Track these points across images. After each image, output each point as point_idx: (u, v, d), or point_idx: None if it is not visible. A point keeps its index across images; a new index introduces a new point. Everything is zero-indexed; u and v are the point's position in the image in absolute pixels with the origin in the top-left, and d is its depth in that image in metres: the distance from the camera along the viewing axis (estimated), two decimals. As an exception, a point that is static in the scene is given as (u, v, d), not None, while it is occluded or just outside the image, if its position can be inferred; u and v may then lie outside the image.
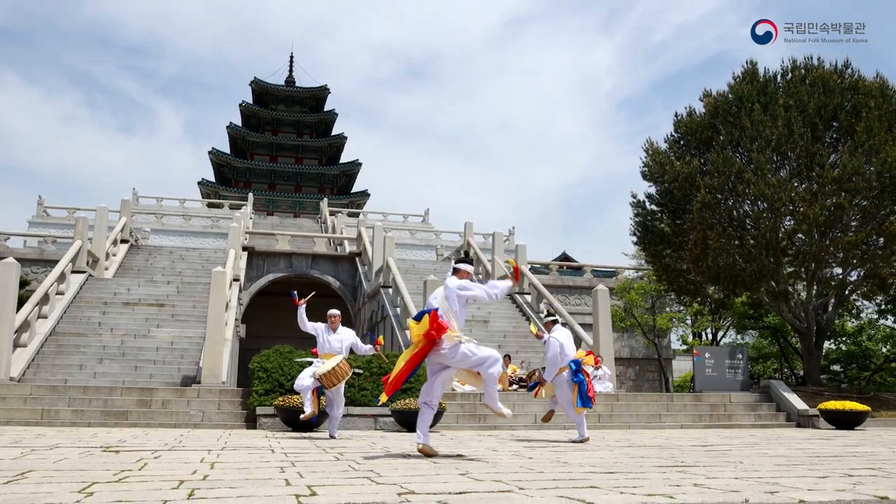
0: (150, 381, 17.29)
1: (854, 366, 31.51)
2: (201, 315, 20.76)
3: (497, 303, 25.68)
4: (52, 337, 18.43)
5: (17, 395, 12.76)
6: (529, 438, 10.96)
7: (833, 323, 20.41)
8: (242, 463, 5.99)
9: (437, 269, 31.95)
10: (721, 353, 17.43)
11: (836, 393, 17.81)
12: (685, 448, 8.60)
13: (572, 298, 32.55)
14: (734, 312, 26.95)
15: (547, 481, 4.58)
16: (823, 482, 4.66)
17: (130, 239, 29.15)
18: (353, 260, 31.26)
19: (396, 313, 23.02)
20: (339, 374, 9.48)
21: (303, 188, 65.65)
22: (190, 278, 26.08)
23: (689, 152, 20.18)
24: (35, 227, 39.75)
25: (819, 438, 11.52)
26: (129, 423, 12.53)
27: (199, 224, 43.96)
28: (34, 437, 9.05)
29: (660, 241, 20.85)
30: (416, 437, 6.54)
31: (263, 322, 34.39)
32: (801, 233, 17.06)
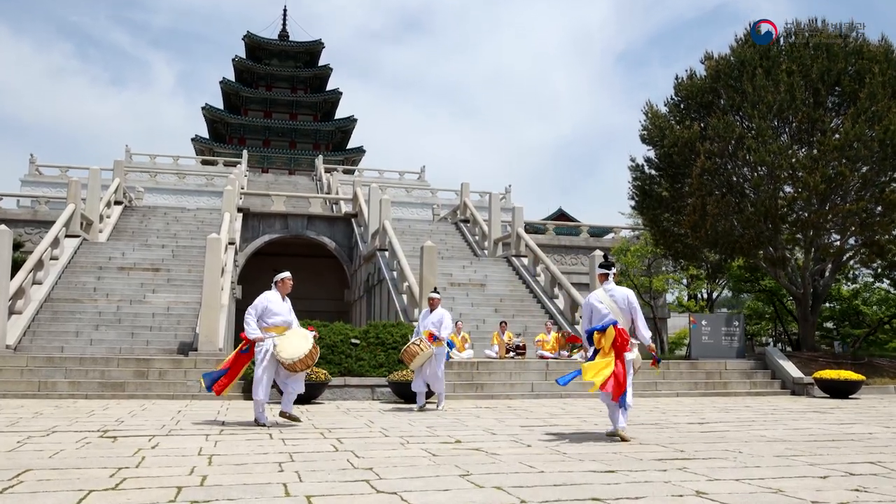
0: (147, 347, 17.28)
1: (847, 323, 31.68)
2: (197, 280, 20.67)
3: (494, 265, 25.65)
4: (48, 303, 18.34)
5: (13, 366, 12.72)
6: (527, 412, 10.98)
7: (829, 288, 20.42)
8: (240, 455, 5.95)
9: (434, 231, 31.83)
10: (717, 321, 17.46)
11: (831, 359, 17.89)
12: (682, 428, 8.61)
13: (568, 258, 32.56)
14: (731, 276, 26.96)
15: (548, 487, 4.54)
16: (825, 487, 4.63)
17: (124, 200, 28.86)
18: (349, 221, 31.08)
19: (393, 277, 22.95)
20: (313, 356, 8.17)
21: (298, 145, 64.98)
22: (185, 241, 25.93)
23: (689, 116, 19.89)
24: (28, 185, 39.37)
25: (814, 411, 11.57)
26: (126, 394, 12.53)
27: (194, 182, 43.57)
28: (31, 417, 9.02)
29: (658, 205, 20.68)
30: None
31: (260, 282, 34.19)
32: (800, 200, 16.91)
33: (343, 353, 13.67)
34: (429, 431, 7.94)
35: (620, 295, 7.52)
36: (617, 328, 7.33)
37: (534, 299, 23.26)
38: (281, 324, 8.30)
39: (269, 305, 8.28)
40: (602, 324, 7.42)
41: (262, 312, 8.26)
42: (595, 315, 7.56)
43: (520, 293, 23.67)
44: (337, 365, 13.49)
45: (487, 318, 21.64)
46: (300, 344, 8.10)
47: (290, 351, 8.01)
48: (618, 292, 7.55)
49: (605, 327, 7.35)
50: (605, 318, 7.41)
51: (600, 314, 7.48)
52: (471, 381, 14.62)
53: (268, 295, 8.40)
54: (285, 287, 8.51)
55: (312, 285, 36.34)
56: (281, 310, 8.33)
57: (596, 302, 7.57)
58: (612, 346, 7.32)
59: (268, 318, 8.24)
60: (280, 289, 8.47)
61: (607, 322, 7.38)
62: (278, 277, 8.54)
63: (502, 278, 24.56)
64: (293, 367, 8.01)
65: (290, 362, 7.95)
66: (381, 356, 13.79)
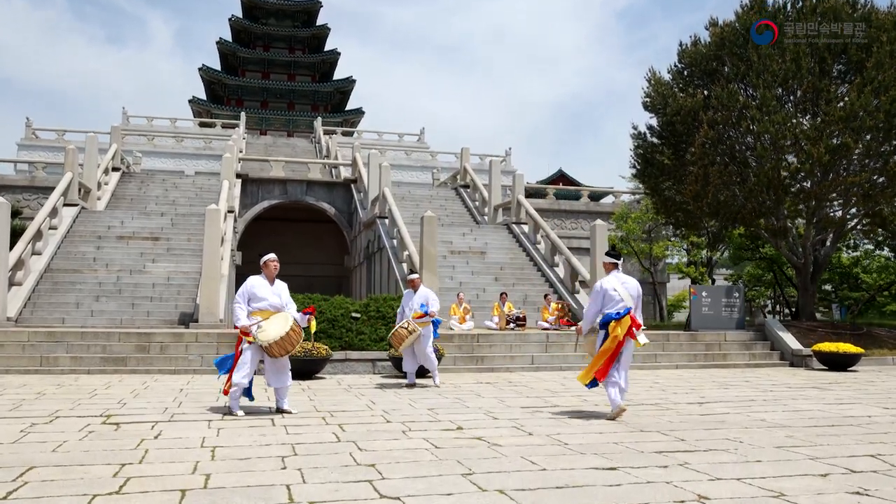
0: (148, 319, 17.32)
1: (845, 286, 31.79)
2: (196, 248, 20.64)
3: (494, 233, 25.59)
4: (48, 274, 18.33)
5: (14, 341, 12.74)
6: (528, 388, 11.03)
7: (830, 257, 20.40)
8: (243, 448, 5.97)
9: (434, 197, 31.69)
10: (717, 292, 17.46)
11: (830, 329, 17.94)
12: (682, 409, 8.65)
13: (568, 223, 32.47)
14: (731, 244, 26.92)
15: (550, 491, 4.56)
16: (826, 490, 4.65)
17: (122, 166, 28.67)
18: (349, 186, 30.92)
19: (393, 245, 22.91)
20: (292, 340, 7.85)
21: (296, 106, 64.39)
22: (184, 208, 25.83)
23: (692, 84, 19.65)
24: (24, 149, 39.13)
25: (813, 387, 11.63)
26: (128, 369, 12.57)
27: (192, 145, 43.29)
28: (34, 399, 9.05)
29: (660, 173, 20.54)
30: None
31: (259, 247, 34.09)
32: (803, 171, 16.78)
33: (344, 327, 13.68)
34: (430, 415, 7.97)
35: (633, 285, 7.85)
36: (631, 315, 7.64)
37: (534, 267, 23.26)
38: (267, 308, 8.04)
39: (254, 290, 8.05)
40: (616, 311, 7.60)
41: (249, 297, 8.05)
42: (608, 301, 7.73)
43: (520, 261, 23.66)
44: (338, 339, 13.52)
45: (487, 286, 21.66)
46: (279, 326, 7.86)
47: (267, 333, 7.77)
48: (630, 283, 7.86)
49: (621, 315, 7.58)
50: (618, 305, 7.63)
51: (613, 301, 7.68)
52: (471, 354, 14.67)
53: (252, 279, 8.16)
54: (270, 270, 8.21)
55: (313, 251, 36.37)
56: (266, 294, 8.06)
57: (611, 290, 7.75)
58: (625, 334, 7.57)
59: (253, 302, 8.02)
60: (266, 272, 8.22)
61: (622, 309, 7.61)
62: (264, 259, 8.29)
63: (502, 246, 24.53)
64: (269, 351, 7.77)
65: (266, 345, 7.72)
66: (381, 330, 13.81)
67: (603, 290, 7.76)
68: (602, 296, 7.74)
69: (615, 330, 7.54)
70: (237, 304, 8.04)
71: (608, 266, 7.97)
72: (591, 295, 7.93)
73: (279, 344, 7.74)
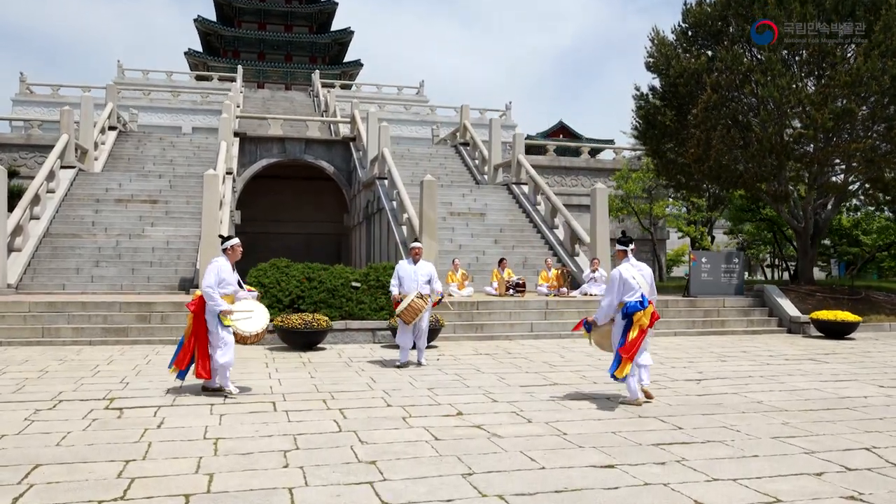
0: (148, 284, 17.37)
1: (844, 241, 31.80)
2: (195, 212, 20.59)
3: (494, 194, 25.47)
4: (47, 239, 18.31)
5: (15, 312, 12.79)
6: (527, 360, 11.12)
7: (830, 221, 20.36)
8: (245, 439, 6.03)
9: (433, 155, 31.47)
10: (717, 258, 17.46)
11: (828, 294, 18.02)
12: (679, 389, 8.73)
13: (568, 179, 32.34)
14: (732, 205, 26.84)
15: (549, 495, 4.62)
16: (821, 494, 4.71)
17: (118, 125, 28.39)
18: (348, 144, 30.67)
19: (392, 207, 22.82)
20: (262, 337, 8.27)
21: (293, 58, 63.45)
22: (182, 169, 25.68)
23: (697, 44, 19.33)
24: (19, 105, 38.72)
25: (809, 359, 11.73)
26: (129, 340, 12.65)
27: (189, 100, 42.81)
28: (36, 377, 9.11)
29: (662, 135, 20.36)
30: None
31: (259, 206, 34.26)
32: (807, 137, 16.62)
33: (344, 296, 13.72)
34: (430, 397, 8.05)
35: (648, 272, 7.95)
36: (652, 304, 7.76)
37: (534, 229, 23.23)
38: (232, 293, 8.09)
39: (222, 275, 8.00)
40: (636, 300, 7.60)
41: (219, 283, 7.97)
42: (626, 288, 7.71)
43: (520, 223, 23.62)
44: (338, 309, 13.57)
45: (487, 249, 21.67)
46: (258, 318, 8.11)
47: (245, 322, 7.98)
48: (645, 270, 7.95)
49: (645, 305, 7.63)
50: (636, 294, 7.65)
51: (631, 288, 7.69)
52: (471, 322, 14.75)
53: (219, 264, 8.05)
54: (235, 255, 8.19)
55: (312, 209, 36.29)
56: (232, 279, 8.08)
57: (629, 277, 7.75)
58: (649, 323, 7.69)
59: (221, 287, 7.97)
60: (230, 256, 8.16)
61: (641, 297, 7.66)
62: (227, 245, 8.20)
63: (502, 207, 24.45)
64: (245, 340, 8.03)
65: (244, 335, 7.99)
66: (381, 299, 13.84)
67: (622, 279, 7.70)
68: (621, 285, 7.69)
69: (641, 319, 7.57)
70: (210, 288, 7.88)
71: (620, 254, 7.97)
72: (609, 284, 7.85)
73: (257, 335, 8.11)
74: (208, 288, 7.90)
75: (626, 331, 7.63)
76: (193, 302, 8.11)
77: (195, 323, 8.04)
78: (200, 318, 8.01)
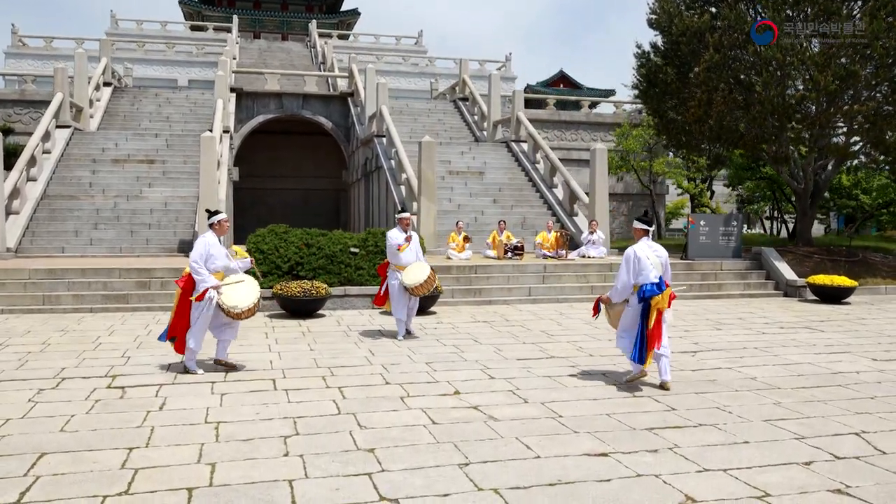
0: (147, 246, 17.40)
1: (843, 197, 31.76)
2: (193, 171, 20.50)
3: (493, 151, 25.32)
4: (44, 201, 18.27)
5: (16, 280, 12.84)
6: (524, 329, 11.23)
7: (830, 182, 20.29)
8: (245, 423, 6.13)
9: (432, 110, 31.18)
10: (716, 221, 17.46)
11: (826, 256, 18.06)
12: (674, 363, 8.80)
13: (568, 134, 32.13)
14: (732, 164, 26.69)
15: (544, 488, 4.73)
16: (809, 486, 4.82)
17: (113, 81, 28.03)
18: (346, 99, 30.38)
19: (391, 166, 22.73)
20: (254, 311, 8.06)
21: (290, 6, 62.15)
22: (178, 126, 25.47)
23: (699, 2, 18.97)
24: (12, 58, 38.14)
25: (805, 327, 11.85)
26: (129, 307, 12.74)
27: (184, 51, 42.16)
28: (39, 350, 9.22)
29: (663, 94, 20.15)
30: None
31: (257, 162, 34.10)
32: (809, 100, 16.45)
33: (342, 262, 13.76)
34: (428, 373, 8.15)
35: (663, 253, 7.76)
36: (669, 286, 7.63)
37: (533, 188, 23.17)
38: (221, 269, 8.00)
39: (210, 250, 7.92)
40: (651, 282, 7.45)
41: (206, 258, 7.90)
42: (642, 268, 7.54)
43: (519, 181, 23.55)
44: (337, 275, 13.63)
45: (486, 208, 21.67)
46: (247, 293, 7.92)
47: (235, 299, 7.83)
48: (661, 251, 7.78)
49: (662, 289, 7.50)
50: (651, 274, 7.49)
51: (646, 270, 7.53)
52: (469, 287, 14.83)
53: (207, 239, 7.94)
54: (222, 229, 8.11)
55: (310, 164, 36.13)
56: (220, 254, 7.99)
57: (644, 258, 7.58)
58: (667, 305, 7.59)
59: (209, 263, 7.91)
60: (217, 231, 8.07)
61: (656, 279, 7.52)
62: (214, 219, 8.10)
63: (501, 165, 24.35)
64: (238, 316, 7.90)
65: (237, 312, 7.82)
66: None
67: (637, 258, 7.53)
68: (637, 263, 7.52)
69: (660, 304, 7.45)
70: (197, 264, 7.81)
71: (639, 232, 7.76)
72: (623, 264, 7.63)
73: (250, 311, 7.92)
74: (194, 262, 7.84)
75: (644, 317, 7.43)
76: (182, 278, 8.10)
77: (181, 299, 8.05)
78: (187, 295, 8.00)
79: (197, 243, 8.00)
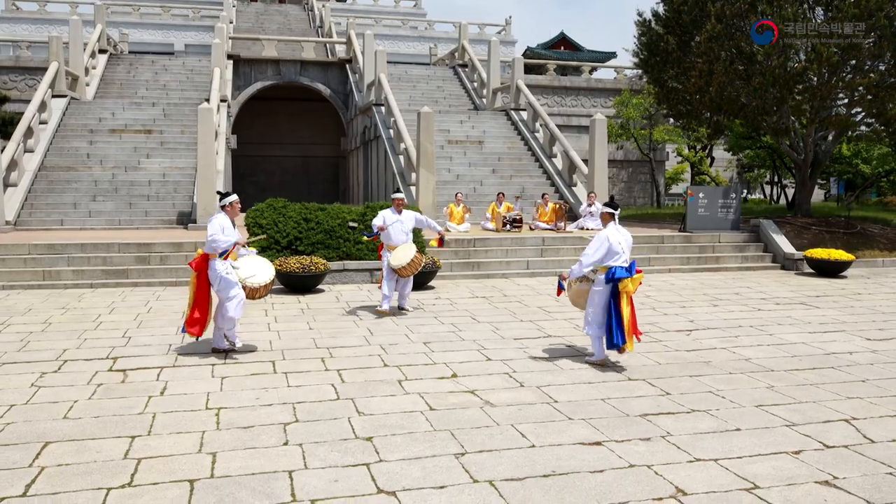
0: (146, 218, 17.41)
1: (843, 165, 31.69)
2: (191, 142, 20.41)
3: (493, 120, 25.17)
4: (42, 172, 18.23)
5: (16, 255, 12.89)
6: (521, 305, 11.32)
7: (830, 153, 20.23)
8: (245, 410, 6.23)
9: (431, 77, 30.92)
10: (715, 193, 17.44)
11: (824, 227, 18.10)
12: (670, 343, 8.93)
13: (568, 100, 31.91)
14: (732, 133, 26.55)
15: (538, 480, 4.83)
16: (797, 477, 4.92)
17: (108, 47, 27.73)
18: (344, 66, 30.10)
19: (389, 136, 22.62)
20: (269, 288, 8.27)
21: (286, -33, 61.17)
22: (175, 94, 25.28)
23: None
24: (5, 22, 37.69)
25: (800, 303, 11.95)
26: (129, 282, 12.81)
27: (180, 14, 41.62)
28: (41, 330, 9.31)
29: (664, 63, 19.99)
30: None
31: (255, 129, 33.91)
32: (811, 71, 16.32)
33: (341, 237, 13.79)
34: (426, 355, 8.24)
35: (627, 236, 7.94)
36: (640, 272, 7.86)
37: (532, 158, 23.10)
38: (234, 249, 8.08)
39: (226, 229, 7.92)
40: (620, 265, 7.63)
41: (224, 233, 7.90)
42: (610, 251, 7.71)
43: (518, 151, 23.46)
44: (335, 249, 13.68)
45: (485, 178, 21.63)
46: (264, 272, 8.13)
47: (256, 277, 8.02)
48: (628, 235, 7.98)
49: (632, 273, 7.69)
50: (620, 259, 7.69)
51: (614, 252, 7.71)
52: (467, 260, 14.89)
53: (220, 220, 7.94)
54: (234, 211, 8.09)
55: (309, 131, 35.92)
56: (233, 235, 8.01)
57: (614, 242, 7.76)
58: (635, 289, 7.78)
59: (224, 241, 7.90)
60: (229, 213, 8.05)
61: (625, 263, 7.72)
62: (226, 201, 8.07)
63: (500, 134, 24.23)
64: (255, 292, 8.08)
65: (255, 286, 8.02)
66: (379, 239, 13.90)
67: (608, 241, 7.67)
68: (607, 246, 7.64)
69: (627, 287, 7.62)
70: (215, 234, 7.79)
71: (606, 216, 7.91)
72: (595, 244, 7.77)
73: (266, 287, 8.11)
74: (213, 234, 7.80)
75: (614, 300, 7.62)
76: (195, 260, 8.12)
77: (198, 281, 8.09)
78: (203, 277, 8.06)
79: (211, 222, 7.96)
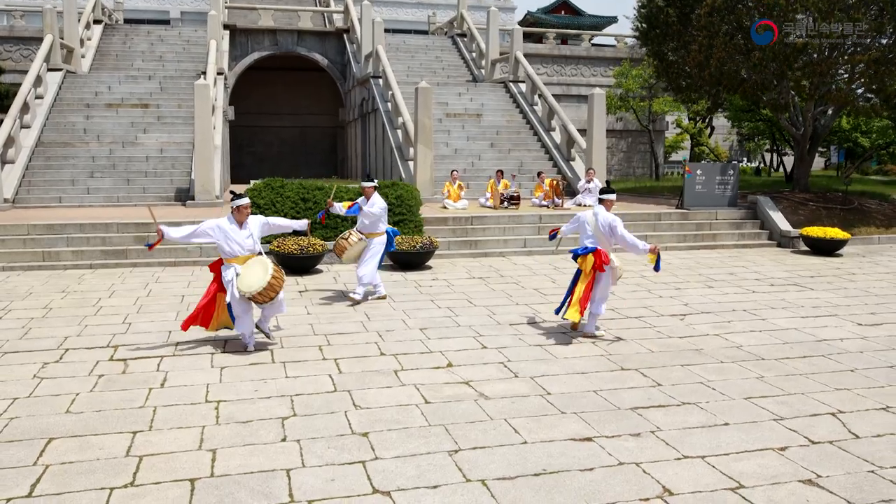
0: (144, 195, 17.43)
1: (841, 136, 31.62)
2: (188, 116, 20.33)
3: (491, 92, 25.03)
4: (39, 148, 18.19)
5: (15, 236, 12.95)
6: (518, 286, 11.43)
7: (829, 127, 20.19)
8: (245, 403, 6.35)
9: (429, 47, 30.64)
10: (713, 170, 17.43)
11: (822, 203, 18.14)
12: (663, 329, 9.04)
13: (568, 69, 31.76)
14: (731, 106, 26.43)
15: (529, 479, 4.96)
16: (782, 476, 5.05)
17: (104, 17, 27.44)
18: (341, 36, 29.86)
19: (387, 109, 22.51)
20: (275, 287, 7.67)
21: (283, -69, 60.22)
22: (172, 66, 25.09)
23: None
24: (-2, -10, 37.19)
25: (794, 284, 12.05)
26: (129, 262, 12.90)
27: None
28: (41, 316, 9.41)
29: (664, 36, 19.85)
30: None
31: (253, 99, 33.72)
32: (811, 48, 16.21)
33: (339, 216, 13.80)
34: (422, 342, 8.36)
35: (603, 220, 8.40)
36: (597, 252, 8.35)
37: (530, 132, 23.03)
38: (240, 253, 7.82)
39: (225, 236, 7.79)
40: (584, 247, 8.44)
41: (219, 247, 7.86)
42: (582, 232, 8.60)
43: (516, 124, 23.38)
44: (333, 229, 13.73)
45: (483, 153, 21.60)
46: (258, 274, 7.64)
47: (246, 283, 7.58)
48: (601, 218, 8.42)
49: (587, 252, 8.40)
50: (588, 239, 8.44)
51: (586, 233, 8.51)
52: (465, 238, 14.96)
53: (222, 226, 7.82)
54: (241, 215, 7.83)
55: (307, 101, 35.70)
56: (238, 238, 7.80)
57: (586, 224, 8.55)
58: (592, 268, 8.39)
59: (226, 248, 7.82)
60: (237, 216, 7.83)
61: (590, 246, 8.42)
62: (237, 203, 7.82)
63: (499, 107, 24.11)
64: (253, 300, 7.68)
65: (249, 295, 7.58)
66: (376, 219, 13.95)
67: (583, 222, 8.60)
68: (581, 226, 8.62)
69: (582, 264, 8.41)
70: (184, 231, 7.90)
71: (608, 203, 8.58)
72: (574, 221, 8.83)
73: (263, 293, 7.59)
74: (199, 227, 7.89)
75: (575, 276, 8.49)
76: (213, 263, 8.20)
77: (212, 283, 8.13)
78: (218, 278, 8.06)
79: (207, 221, 7.95)
